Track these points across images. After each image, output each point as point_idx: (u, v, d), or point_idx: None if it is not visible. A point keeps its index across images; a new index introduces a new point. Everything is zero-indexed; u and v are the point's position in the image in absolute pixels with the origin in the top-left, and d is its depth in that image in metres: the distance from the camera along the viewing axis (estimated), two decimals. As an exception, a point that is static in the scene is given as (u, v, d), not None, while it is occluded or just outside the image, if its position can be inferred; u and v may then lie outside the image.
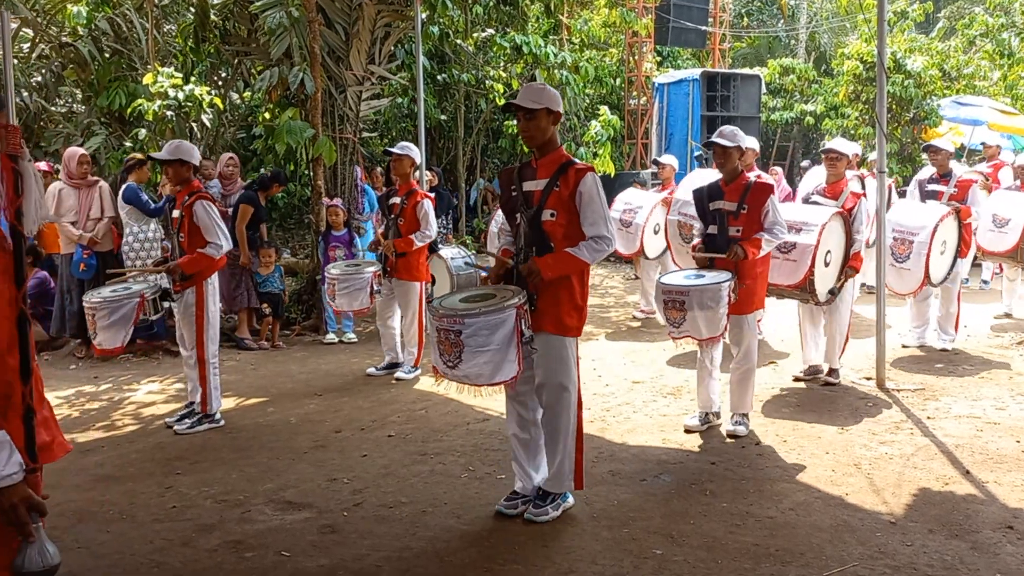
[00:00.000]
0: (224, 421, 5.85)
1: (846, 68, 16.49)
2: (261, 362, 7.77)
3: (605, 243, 3.92)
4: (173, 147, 5.72)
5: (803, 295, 5.95)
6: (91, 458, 5.21)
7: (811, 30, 23.83)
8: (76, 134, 9.60)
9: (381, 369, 7.15)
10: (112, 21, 9.75)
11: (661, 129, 16.39)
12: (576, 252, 3.89)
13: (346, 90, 9.33)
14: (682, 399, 6.07)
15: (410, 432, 5.50)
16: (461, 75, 13.25)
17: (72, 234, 7.78)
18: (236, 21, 9.77)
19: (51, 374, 7.55)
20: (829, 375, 6.44)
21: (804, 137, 20.69)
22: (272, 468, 4.91)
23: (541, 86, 4.05)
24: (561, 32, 15.77)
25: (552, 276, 3.86)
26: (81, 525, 4.13)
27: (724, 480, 4.51)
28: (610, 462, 4.82)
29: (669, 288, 5.08)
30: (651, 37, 17.37)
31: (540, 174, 4.01)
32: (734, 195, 5.23)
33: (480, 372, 3.71)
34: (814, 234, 5.76)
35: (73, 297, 7.88)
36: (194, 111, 8.65)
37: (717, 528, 3.90)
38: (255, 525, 4.10)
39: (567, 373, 3.98)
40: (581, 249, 3.89)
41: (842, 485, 4.44)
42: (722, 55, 20.01)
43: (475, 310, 3.71)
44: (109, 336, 5.47)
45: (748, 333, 5.29)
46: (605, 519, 4.04)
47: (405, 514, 4.17)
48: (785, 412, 5.76)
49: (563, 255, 3.89)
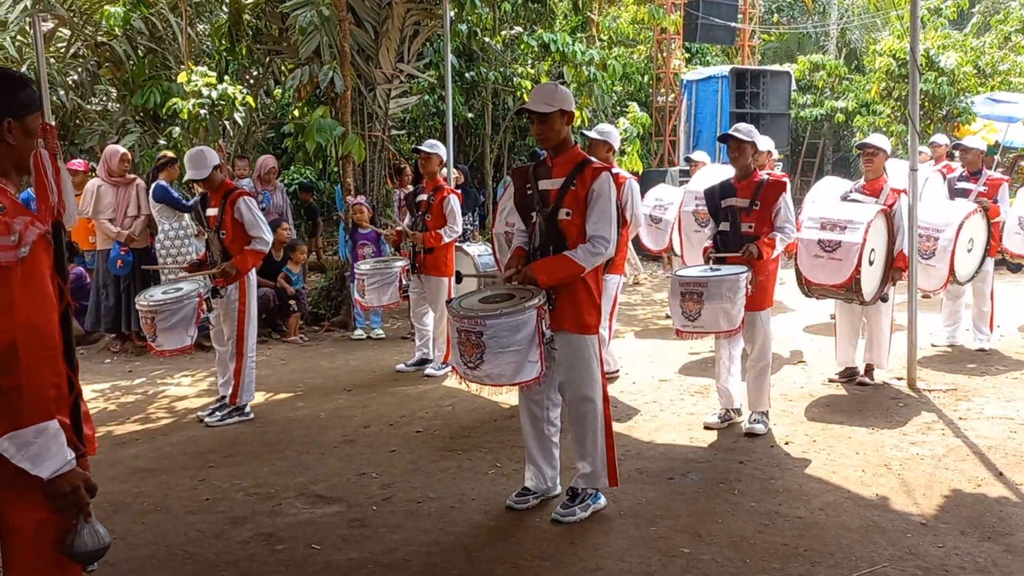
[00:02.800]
0: (253, 415, 5.93)
1: (878, 65, 16.30)
2: (291, 357, 7.85)
3: (603, 245, 3.86)
4: (196, 162, 5.68)
5: (848, 295, 5.90)
6: (126, 451, 5.31)
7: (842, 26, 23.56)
8: (111, 132, 9.77)
9: (410, 365, 7.21)
10: (147, 21, 9.90)
11: (689, 126, 16.33)
12: (573, 255, 3.86)
13: (375, 88, 9.39)
14: (710, 398, 6.05)
15: (438, 428, 5.54)
16: (489, 73, 13.28)
17: (110, 231, 7.92)
18: (268, 20, 9.88)
19: (86, 368, 7.68)
20: (865, 374, 6.39)
21: (834, 134, 20.50)
22: (302, 462, 4.98)
23: (552, 86, 4.04)
24: (589, 29, 15.73)
25: (548, 281, 3.83)
26: (117, 516, 4.22)
27: (752, 479, 4.50)
28: (637, 460, 4.83)
29: (687, 280, 5.06)
30: (680, 34, 17.28)
31: (556, 173, 4.00)
32: (746, 192, 5.21)
33: (502, 372, 3.72)
34: (860, 232, 5.70)
35: (108, 293, 8.03)
36: (227, 110, 8.76)
37: (745, 527, 3.90)
38: (286, 518, 4.16)
39: (589, 371, 3.99)
40: (578, 252, 3.86)
41: (872, 486, 4.41)
42: (751, 51, 19.86)
43: (495, 311, 3.70)
44: (171, 338, 5.56)
45: (762, 330, 5.27)
46: (632, 517, 4.05)
47: (433, 509, 4.21)
48: (814, 412, 5.73)
49: (559, 259, 3.86)
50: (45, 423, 2.06)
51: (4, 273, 2.03)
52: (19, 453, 2.04)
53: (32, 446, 2.05)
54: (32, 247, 2.08)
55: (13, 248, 2.05)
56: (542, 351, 3.77)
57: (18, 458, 2.04)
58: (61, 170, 2.29)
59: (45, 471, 2.06)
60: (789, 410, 5.76)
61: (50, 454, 2.06)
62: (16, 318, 2.03)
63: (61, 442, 2.09)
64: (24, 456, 2.04)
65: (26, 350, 2.04)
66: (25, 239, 2.07)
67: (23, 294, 2.05)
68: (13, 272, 2.04)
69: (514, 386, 3.86)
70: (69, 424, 2.18)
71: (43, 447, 2.05)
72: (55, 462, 2.07)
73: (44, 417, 2.07)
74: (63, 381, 2.17)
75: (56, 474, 2.08)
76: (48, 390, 2.09)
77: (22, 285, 2.05)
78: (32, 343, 2.05)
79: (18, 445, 2.04)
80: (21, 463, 2.04)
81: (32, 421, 2.05)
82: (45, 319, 2.11)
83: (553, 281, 3.85)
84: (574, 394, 4.01)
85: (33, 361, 2.05)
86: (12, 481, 2.09)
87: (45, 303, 2.12)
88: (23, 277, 2.06)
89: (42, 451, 2.05)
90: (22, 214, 2.12)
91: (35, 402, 2.05)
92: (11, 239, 2.06)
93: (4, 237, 2.05)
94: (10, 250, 2.05)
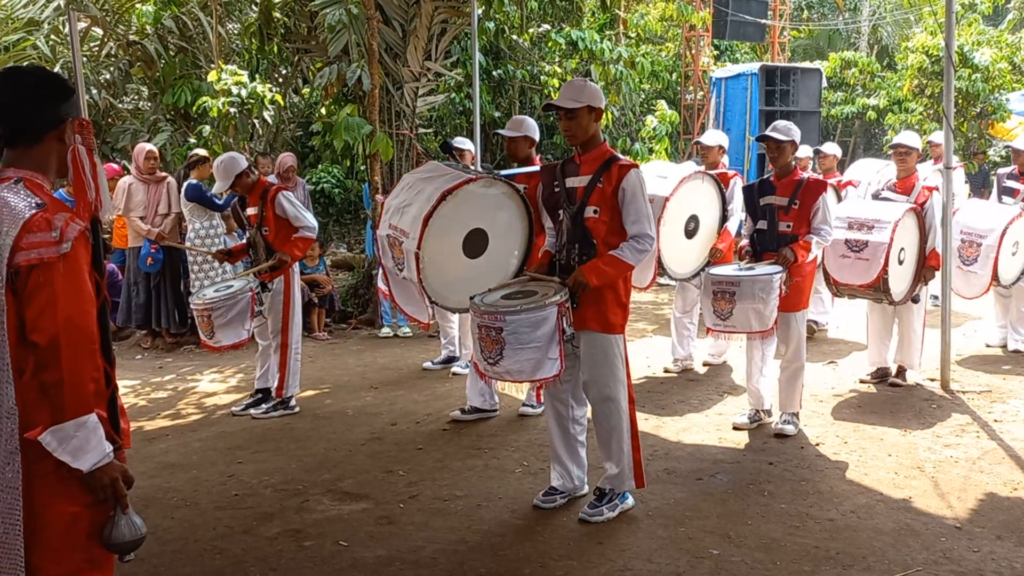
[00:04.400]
0: (299, 408, 6.00)
1: (910, 62, 16.06)
2: (318, 355, 7.89)
3: (648, 242, 3.87)
4: (224, 171, 5.76)
5: (876, 295, 5.82)
6: (157, 446, 5.36)
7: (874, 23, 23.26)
8: (143, 131, 9.87)
9: (437, 363, 7.22)
10: (178, 19, 10.00)
11: (718, 124, 16.18)
12: (620, 254, 3.84)
13: (403, 86, 9.41)
14: (738, 397, 5.99)
15: (464, 426, 5.54)
16: (516, 71, 13.26)
17: (141, 228, 8.00)
18: (297, 18, 9.93)
19: (118, 364, 7.75)
20: (897, 376, 6.29)
21: (866, 132, 20.23)
22: (330, 459, 5.00)
23: (581, 83, 4.02)
24: (617, 27, 15.65)
25: (599, 283, 3.81)
26: (146, 511, 4.24)
27: (782, 481, 4.45)
28: (665, 460, 4.79)
29: (719, 279, 5.02)
30: (709, 31, 17.14)
31: (583, 170, 3.98)
32: (786, 190, 5.15)
33: (521, 368, 3.70)
34: (887, 232, 5.62)
35: (139, 290, 8.12)
36: (256, 108, 8.82)
37: (775, 529, 3.85)
38: (313, 514, 4.17)
39: (613, 371, 3.95)
40: (624, 250, 3.85)
41: (905, 488, 4.34)
42: (781, 49, 19.66)
43: (516, 307, 3.70)
44: (228, 333, 5.65)
45: (796, 331, 5.20)
46: (661, 517, 4.01)
47: (460, 507, 4.20)
48: (846, 413, 5.65)
49: (608, 259, 3.84)
50: (85, 417, 2.10)
51: (46, 269, 2.06)
52: (60, 447, 2.07)
53: (73, 439, 2.08)
54: (73, 243, 2.11)
55: (55, 244, 2.08)
56: (562, 348, 3.75)
57: (59, 451, 2.07)
58: (97, 165, 2.32)
59: (85, 464, 2.10)
60: (819, 411, 5.69)
61: (90, 447, 2.10)
62: (58, 314, 2.06)
63: (100, 436, 2.13)
64: (65, 449, 2.08)
65: (68, 346, 2.06)
66: (67, 235, 2.10)
67: (64, 290, 2.08)
68: (55, 268, 2.07)
69: (533, 383, 3.85)
70: (107, 418, 2.21)
71: (83, 440, 2.09)
72: (95, 455, 2.11)
73: (84, 411, 2.10)
74: (101, 376, 2.19)
75: (96, 467, 2.11)
76: (88, 384, 2.12)
77: (64, 281, 2.08)
78: (73, 339, 2.08)
79: (60, 439, 2.07)
80: (62, 456, 2.08)
81: (73, 415, 2.08)
82: (85, 314, 2.13)
83: (604, 282, 3.83)
84: (598, 394, 3.98)
85: (74, 356, 2.08)
86: (48, 475, 2.12)
87: (85, 299, 2.14)
88: (65, 273, 2.09)
89: (83, 444, 2.09)
90: (62, 210, 2.15)
91: (76, 396, 2.08)
92: (52, 235, 2.09)
93: (45, 233, 2.08)
94: (52, 246, 2.08)
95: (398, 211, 4.32)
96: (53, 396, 2.07)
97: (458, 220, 4.26)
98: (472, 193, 4.28)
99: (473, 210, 4.32)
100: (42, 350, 2.06)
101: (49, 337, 2.05)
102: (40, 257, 2.06)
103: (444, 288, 4.30)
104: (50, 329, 2.05)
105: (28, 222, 2.07)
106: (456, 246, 4.30)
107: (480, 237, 4.36)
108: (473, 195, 4.29)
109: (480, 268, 4.39)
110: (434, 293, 4.26)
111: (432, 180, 4.32)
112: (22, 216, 2.08)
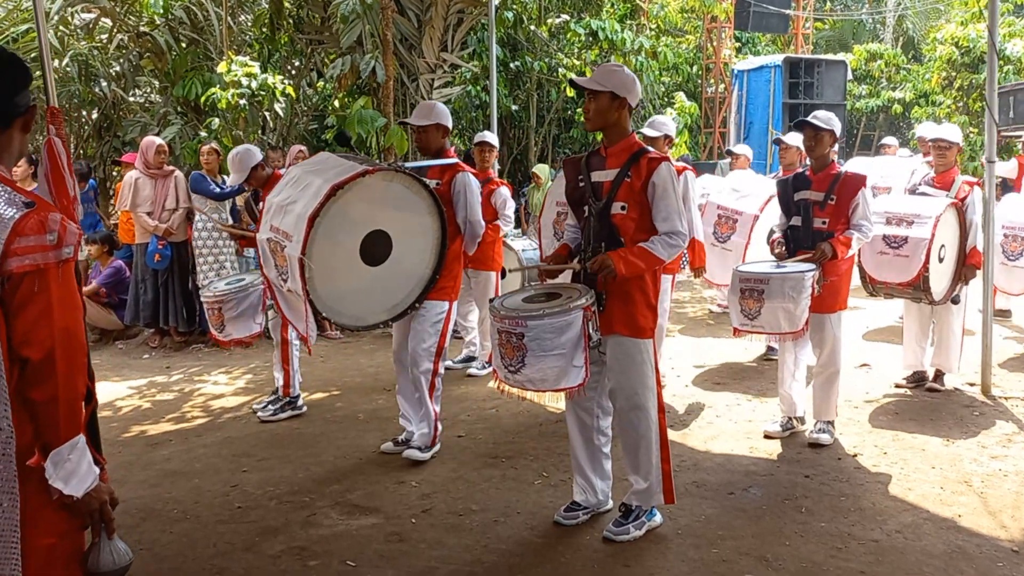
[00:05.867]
0: (306, 408, 5.82)
1: (939, 53, 15.66)
2: (330, 355, 7.66)
3: (680, 239, 3.59)
4: (239, 163, 5.61)
5: (916, 294, 5.50)
6: (160, 452, 5.14)
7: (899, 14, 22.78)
8: (152, 124, 9.67)
9: (458, 362, 6.98)
10: (188, 10, 9.78)
11: (740, 117, 15.85)
12: (651, 247, 3.55)
13: (418, 78, 9.18)
14: (768, 403, 5.70)
15: (480, 433, 5.28)
16: (534, 63, 12.98)
17: (148, 224, 7.79)
18: (310, 9, 9.70)
19: (124, 363, 7.59)
20: (935, 380, 5.98)
21: (891, 126, 19.82)
22: (339, 468, 4.75)
23: (615, 67, 3.73)
24: (638, 17, 15.34)
25: (627, 273, 3.51)
26: (145, 524, 4.03)
27: (820, 496, 4.16)
28: (694, 472, 4.51)
29: (748, 276, 4.73)
30: (731, 22, 16.79)
31: (610, 163, 3.69)
32: (822, 185, 4.85)
33: (545, 377, 3.42)
34: (928, 227, 5.31)
35: (147, 287, 7.91)
36: (266, 100, 8.59)
37: (816, 551, 3.57)
38: (320, 530, 3.93)
39: (642, 378, 3.67)
40: (655, 244, 3.55)
41: (953, 505, 4.04)
42: (804, 40, 19.27)
43: (538, 311, 3.41)
44: (240, 326, 5.50)
45: (832, 333, 4.90)
46: (691, 536, 3.74)
47: (475, 523, 3.94)
48: (883, 420, 5.35)
49: (637, 250, 3.54)
50: (77, 437, 1.91)
51: (42, 276, 1.84)
52: (56, 472, 1.88)
53: (67, 463, 1.89)
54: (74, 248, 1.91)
55: (53, 248, 1.86)
56: (587, 355, 3.47)
57: (53, 477, 1.88)
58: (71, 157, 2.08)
59: (79, 489, 1.91)
60: (855, 418, 5.39)
61: (82, 471, 1.92)
62: (54, 325, 1.85)
63: (89, 458, 1.94)
64: (59, 475, 1.88)
65: (65, 358, 1.86)
66: (67, 240, 1.89)
67: (60, 298, 1.87)
68: (52, 274, 1.86)
69: (557, 392, 3.56)
70: (88, 437, 2.00)
71: (76, 464, 1.90)
72: (87, 479, 1.93)
73: (76, 431, 1.91)
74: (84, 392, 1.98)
75: (87, 491, 1.93)
76: (80, 401, 1.93)
77: (59, 288, 1.87)
78: (70, 351, 1.88)
79: (55, 463, 1.88)
80: (55, 483, 1.88)
81: (68, 437, 1.88)
82: (79, 324, 1.94)
83: (631, 272, 3.52)
84: (626, 402, 3.70)
85: (71, 370, 1.88)
86: (24, 504, 1.89)
87: (78, 306, 1.95)
88: (61, 280, 1.88)
89: (75, 468, 1.90)
90: (52, 210, 1.92)
91: (70, 415, 1.89)
92: (48, 238, 1.86)
93: (40, 236, 1.85)
94: (49, 251, 1.86)
95: (280, 210, 3.78)
96: (45, 415, 1.87)
97: (353, 220, 3.75)
98: (369, 188, 3.79)
99: (372, 209, 3.81)
100: (35, 364, 1.84)
101: (45, 350, 1.84)
102: (36, 263, 1.83)
103: (337, 301, 3.84)
104: (46, 341, 1.84)
105: (19, 224, 1.83)
106: (351, 251, 3.80)
107: (382, 241, 3.87)
108: (371, 190, 3.80)
109: (382, 277, 3.96)
110: (325, 307, 3.80)
111: (321, 172, 3.82)
112: (10, 217, 1.84)
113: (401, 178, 3.94)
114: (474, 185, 4.74)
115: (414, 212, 4.03)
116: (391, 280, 4.01)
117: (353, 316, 3.98)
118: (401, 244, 3.99)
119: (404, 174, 3.97)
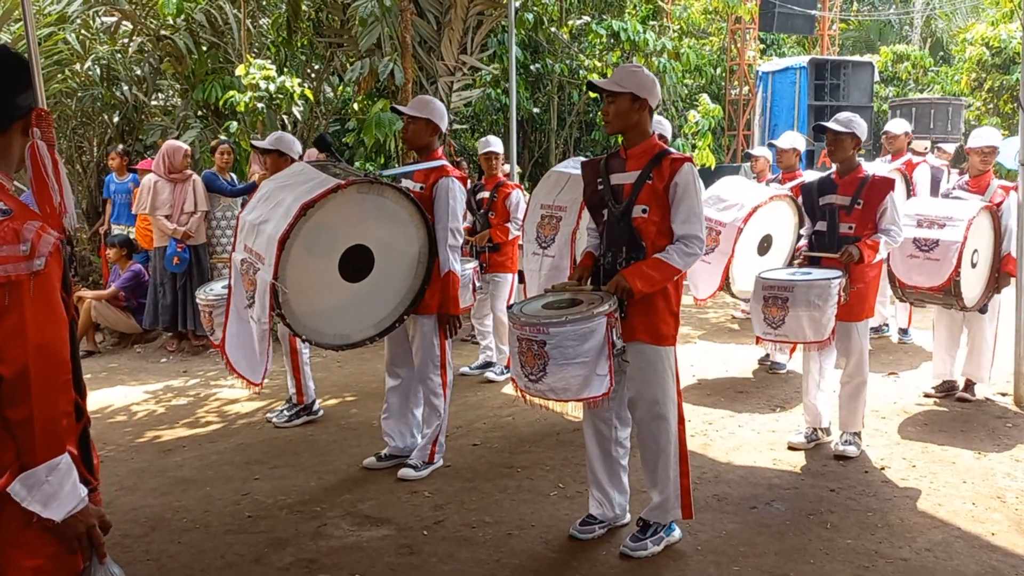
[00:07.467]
0: (322, 412, 5.80)
1: (968, 55, 15.37)
2: (347, 359, 7.59)
3: (697, 245, 3.46)
4: (275, 138, 5.66)
5: (947, 299, 5.33)
6: (172, 458, 5.08)
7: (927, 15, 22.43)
8: (172, 127, 9.67)
9: (475, 368, 6.89)
10: (208, 14, 9.77)
11: (764, 120, 15.65)
12: (667, 258, 3.43)
13: (437, 81, 9.08)
14: (792, 412, 5.56)
15: (496, 441, 5.18)
16: (555, 65, 12.87)
17: (166, 228, 7.76)
18: (329, 12, 9.66)
19: (142, 367, 7.57)
20: (965, 390, 5.80)
21: (918, 128, 19.45)
22: (351, 477, 4.67)
23: (635, 68, 3.62)
24: (661, 18, 15.19)
25: (644, 289, 3.41)
26: (154, 534, 3.96)
27: (846, 511, 4.01)
28: (715, 484, 4.38)
29: (771, 283, 4.59)
30: (755, 23, 16.59)
31: (630, 166, 3.58)
32: (848, 189, 4.70)
33: (567, 386, 3.31)
34: (960, 229, 5.14)
35: (166, 290, 7.88)
36: (284, 103, 8.55)
37: (842, 570, 3.43)
38: (330, 541, 3.84)
39: (663, 387, 3.55)
40: (671, 254, 3.44)
41: (986, 522, 3.88)
42: (830, 41, 19.01)
43: (560, 318, 3.28)
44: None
45: (858, 342, 4.74)
46: (711, 553, 3.61)
47: (489, 536, 3.84)
48: (911, 432, 5.18)
49: (653, 263, 3.43)
50: (58, 458, 1.80)
51: (15, 289, 1.75)
52: (30, 495, 1.78)
53: (44, 485, 1.79)
54: (48, 259, 1.79)
55: (25, 259, 1.76)
56: (612, 364, 3.35)
57: (28, 500, 1.78)
58: (59, 163, 2.00)
59: (59, 513, 1.80)
60: (882, 429, 5.23)
61: (63, 493, 1.81)
62: (28, 340, 1.75)
63: (74, 479, 1.83)
64: (35, 498, 1.78)
65: (40, 376, 1.76)
66: (40, 250, 1.78)
67: (35, 313, 1.76)
68: (24, 287, 1.76)
69: (579, 402, 3.45)
70: (79, 456, 1.91)
71: (56, 486, 1.80)
72: (69, 501, 1.82)
73: (57, 452, 1.80)
74: (72, 409, 1.88)
75: (70, 514, 1.82)
76: (61, 420, 1.82)
77: (34, 302, 1.77)
78: (47, 368, 1.78)
79: (30, 485, 1.78)
80: (31, 506, 1.78)
81: (45, 458, 1.78)
82: (59, 339, 1.82)
83: (649, 288, 3.42)
84: (646, 412, 3.58)
85: (47, 388, 1.78)
86: (6, 526, 1.81)
87: (58, 322, 1.83)
88: (36, 293, 1.77)
89: (56, 491, 1.80)
90: (32, 219, 1.82)
91: (48, 435, 1.79)
92: (21, 248, 1.76)
93: (13, 246, 1.76)
94: (21, 262, 1.76)
95: (253, 229, 3.60)
96: (22, 437, 1.77)
97: (329, 237, 3.59)
98: (343, 203, 3.62)
99: (349, 224, 3.63)
100: (8, 383, 1.74)
101: (17, 368, 1.74)
102: (7, 275, 1.74)
103: (317, 321, 3.68)
104: (19, 359, 1.74)
105: None
106: (329, 269, 3.65)
107: (362, 256, 3.71)
108: (345, 205, 3.63)
109: (366, 293, 3.80)
110: (304, 328, 3.65)
111: (292, 188, 3.63)
112: None
113: (378, 188, 3.79)
114: (458, 191, 4.39)
115: (396, 223, 3.86)
116: (376, 295, 3.86)
117: (337, 335, 3.85)
118: (384, 257, 3.84)
119: (381, 184, 3.81)
